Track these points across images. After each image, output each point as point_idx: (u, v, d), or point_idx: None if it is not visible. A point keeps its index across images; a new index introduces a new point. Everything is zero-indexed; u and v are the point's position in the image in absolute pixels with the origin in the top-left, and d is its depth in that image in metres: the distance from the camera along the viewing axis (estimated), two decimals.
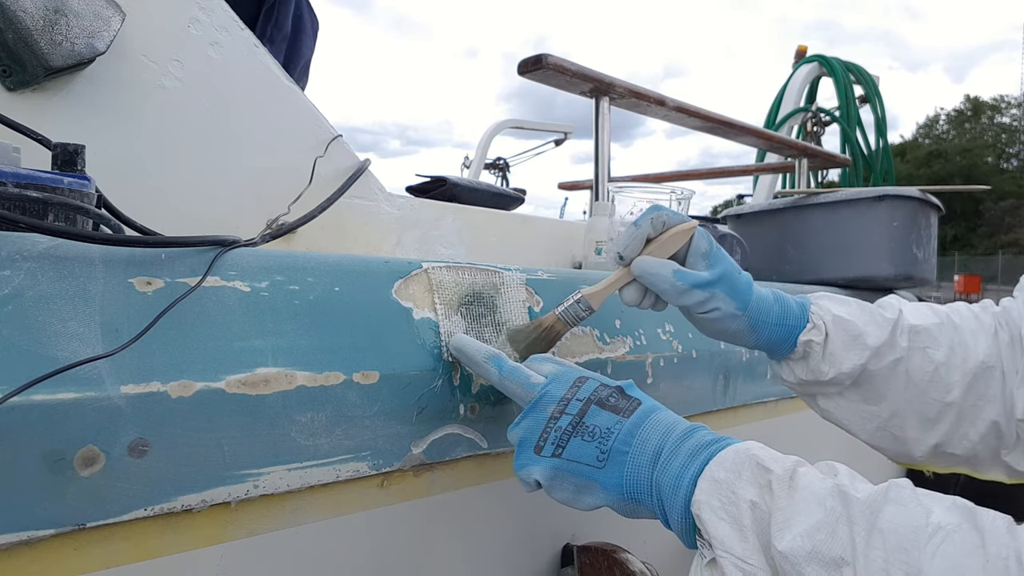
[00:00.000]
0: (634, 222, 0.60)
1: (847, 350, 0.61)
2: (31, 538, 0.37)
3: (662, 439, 0.47)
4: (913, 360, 0.61)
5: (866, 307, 0.63)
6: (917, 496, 0.38)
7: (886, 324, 0.61)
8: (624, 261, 0.60)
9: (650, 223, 0.59)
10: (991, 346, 0.61)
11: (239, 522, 0.47)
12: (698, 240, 0.60)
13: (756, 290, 0.62)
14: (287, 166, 0.81)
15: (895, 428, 0.63)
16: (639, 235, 0.59)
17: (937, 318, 0.63)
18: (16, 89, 0.61)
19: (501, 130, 3.62)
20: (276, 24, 1.22)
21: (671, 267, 0.58)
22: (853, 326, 0.61)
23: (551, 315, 0.62)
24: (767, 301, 0.61)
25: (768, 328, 0.61)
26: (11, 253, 0.39)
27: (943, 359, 0.61)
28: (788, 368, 0.65)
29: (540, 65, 1.21)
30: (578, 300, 0.61)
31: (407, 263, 0.59)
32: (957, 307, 0.65)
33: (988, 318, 0.63)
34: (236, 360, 0.45)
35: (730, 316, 0.60)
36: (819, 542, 0.38)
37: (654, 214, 0.59)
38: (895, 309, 0.63)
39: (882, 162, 3.03)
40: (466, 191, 1.20)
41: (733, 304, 0.60)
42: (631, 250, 0.60)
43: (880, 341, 0.61)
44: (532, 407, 0.51)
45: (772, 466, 0.42)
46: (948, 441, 0.62)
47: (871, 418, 0.64)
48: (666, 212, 0.60)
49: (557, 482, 0.49)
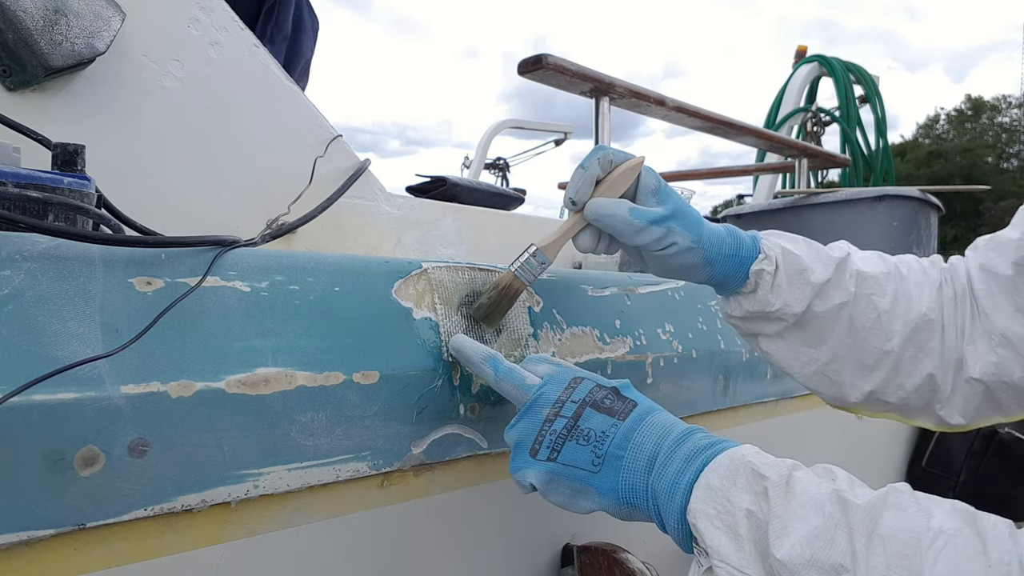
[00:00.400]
0: (581, 164, 0.58)
1: (792, 284, 0.61)
2: (31, 538, 0.37)
3: (657, 443, 0.47)
4: (858, 306, 0.61)
5: (814, 245, 0.63)
6: (917, 501, 0.38)
7: (831, 262, 0.61)
8: (576, 206, 0.59)
9: (597, 163, 0.58)
10: (934, 300, 0.61)
11: (239, 522, 0.47)
12: (646, 178, 0.59)
13: (707, 223, 0.61)
14: (287, 166, 0.81)
15: (833, 373, 0.63)
16: (588, 177, 0.58)
17: (886, 267, 0.63)
18: (16, 89, 0.61)
19: (501, 130, 3.62)
20: (276, 24, 1.22)
21: (626, 206, 0.57)
22: (800, 261, 0.61)
23: (507, 273, 0.60)
24: (720, 233, 0.61)
25: (722, 260, 0.61)
26: (11, 253, 0.39)
27: (887, 307, 0.61)
28: (736, 302, 0.64)
29: (540, 65, 1.21)
30: (533, 253, 0.59)
31: (407, 263, 0.59)
32: (907, 259, 0.65)
33: (935, 273, 0.63)
34: (236, 360, 0.45)
35: (686, 250, 0.59)
36: (818, 549, 0.37)
37: (600, 154, 0.58)
38: (843, 251, 0.63)
39: (882, 162, 3.03)
40: (466, 191, 1.21)
41: (689, 237, 0.59)
42: (582, 193, 0.58)
43: (824, 279, 0.60)
44: (527, 409, 0.51)
45: (767, 472, 0.42)
46: (883, 389, 0.62)
47: (810, 362, 0.63)
48: (611, 151, 0.59)
49: (552, 486, 0.49)
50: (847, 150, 3.03)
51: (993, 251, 0.60)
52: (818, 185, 3.06)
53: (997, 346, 0.58)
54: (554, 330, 0.67)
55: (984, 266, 0.60)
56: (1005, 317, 0.58)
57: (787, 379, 1.00)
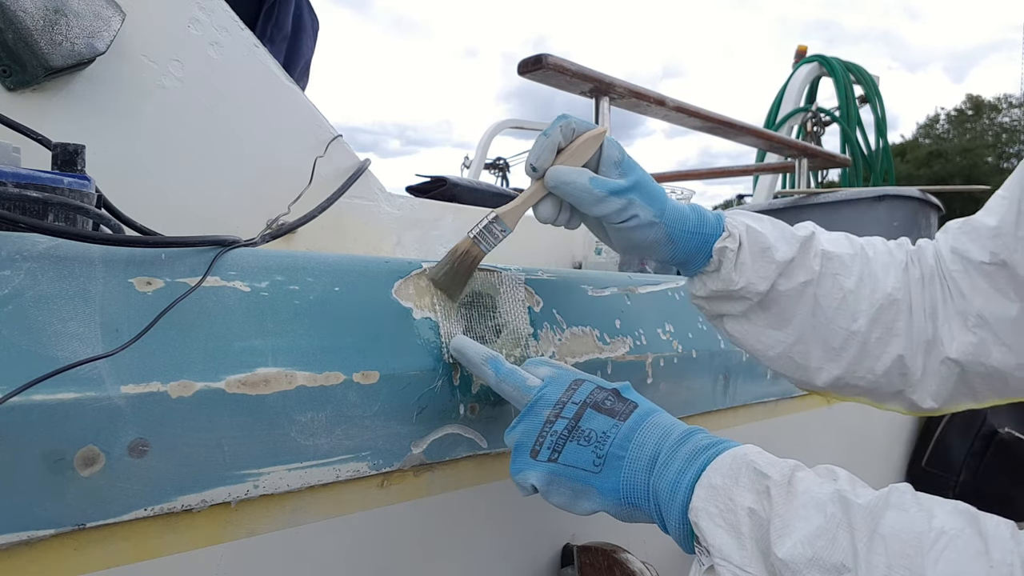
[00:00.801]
0: (543, 132, 0.58)
1: (756, 262, 0.60)
2: (31, 538, 0.37)
3: (659, 443, 0.47)
4: (823, 285, 0.61)
5: (779, 224, 0.63)
6: (919, 501, 0.38)
7: (795, 241, 0.61)
8: (537, 173, 0.58)
9: (559, 131, 0.57)
10: (900, 280, 0.61)
11: (239, 522, 0.47)
12: (608, 148, 0.58)
13: (671, 200, 0.61)
14: (287, 166, 0.81)
15: (798, 355, 0.63)
16: (549, 144, 0.57)
17: (852, 248, 0.62)
18: (16, 89, 0.61)
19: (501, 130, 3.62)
20: (276, 24, 1.22)
21: (586, 175, 0.57)
22: (764, 239, 0.60)
23: (465, 240, 0.59)
24: (683, 210, 0.60)
25: (685, 236, 0.60)
26: (11, 253, 0.39)
27: (852, 287, 0.60)
28: (700, 281, 0.63)
29: (540, 65, 1.21)
30: (492, 220, 0.59)
31: (407, 263, 0.59)
32: (873, 240, 0.65)
33: (901, 254, 0.63)
34: (236, 360, 0.45)
35: (648, 224, 0.58)
36: (820, 548, 0.37)
37: (563, 122, 0.57)
38: (808, 230, 0.62)
39: (882, 162, 3.03)
40: (466, 191, 1.20)
41: (651, 211, 0.58)
42: (543, 160, 0.57)
43: (788, 257, 0.60)
44: (528, 411, 0.51)
45: (769, 471, 0.42)
46: (852, 373, 0.62)
47: (776, 344, 0.63)
48: (574, 120, 0.58)
49: (554, 487, 0.49)
50: (847, 150, 3.03)
51: (966, 236, 0.59)
52: (818, 185, 3.06)
53: (975, 327, 0.58)
54: (554, 330, 0.67)
55: (956, 249, 0.60)
56: (982, 298, 0.57)
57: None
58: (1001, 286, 0.56)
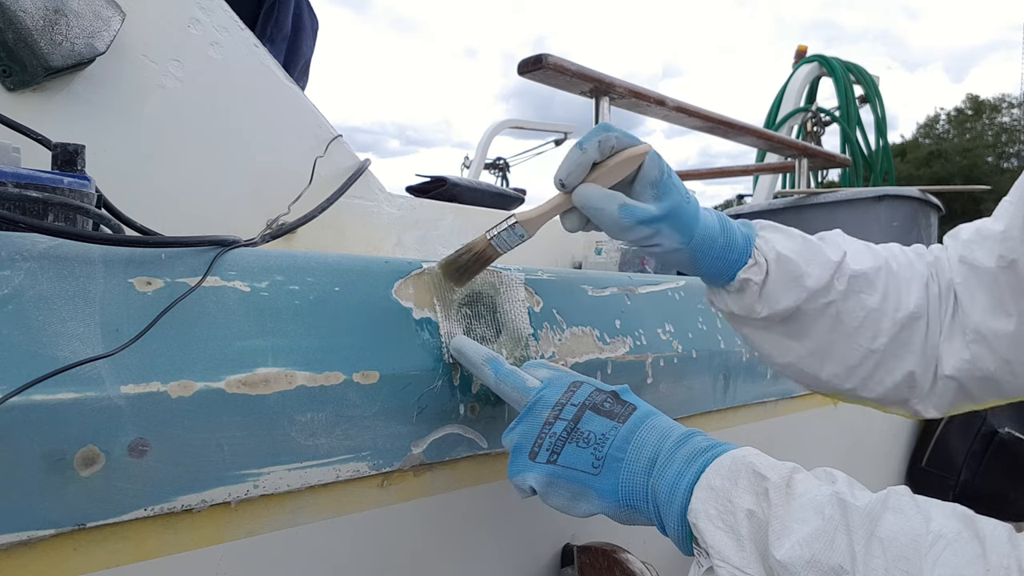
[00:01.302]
0: (579, 143, 0.53)
1: (786, 290, 0.59)
2: (31, 538, 0.37)
3: (658, 445, 0.47)
4: (846, 303, 0.59)
5: (811, 244, 0.60)
6: (916, 504, 0.38)
7: (829, 266, 0.59)
8: (566, 189, 0.55)
9: (596, 146, 0.53)
10: (922, 296, 0.60)
11: (239, 522, 0.47)
12: (649, 168, 0.54)
13: (703, 218, 0.58)
14: (287, 166, 0.81)
15: (808, 367, 0.62)
16: (583, 161, 0.53)
17: (875, 262, 0.61)
18: (16, 89, 0.61)
19: (501, 130, 3.62)
20: (276, 23, 1.22)
21: (617, 202, 0.53)
22: (796, 266, 0.58)
23: (482, 239, 0.57)
24: (712, 232, 0.58)
25: (709, 261, 0.58)
26: (11, 253, 0.39)
27: (876, 305, 0.59)
28: (721, 297, 0.62)
29: (540, 65, 1.21)
30: (512, 226, 0.56)
31: (407, 263, 0.59)
32: (893, 250, 0.63)
33: (922, 267, 0.62)
34: (236, 360, 0.45)
35: (672, 251, 0.57)
36: (817, 551, 0.37)
37: (602, 135, 0.53)
38: (840, 250, 0.60)
39: (882, 162, 3.03)
40: (466, 191, 1.21)
41: (677, 239, 0.56)
42: (574, 177, 0.54)
43: (821, 284, 0.58)
44: (527, 412, 0.51)
45: (768, 473, 0.42)
46: (862, 387, 0.61)
47: (788, 353, 0.62)
48: (616, 134, 0.53)
49: (552, 489, 0.49)
50: (847, 150, 3.03)
51: (975, 243, 0.58)
52: (818, 185, 3.06)
53: (971, 342, 0.57)
54: (554, 330, 0.67)
55: (965, 258, 0.59)
56: (980, 312, 0.57)
57: (787, 379, 1.00)
58: (1003, 298, 0.56)
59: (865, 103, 3.09)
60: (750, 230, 0.61)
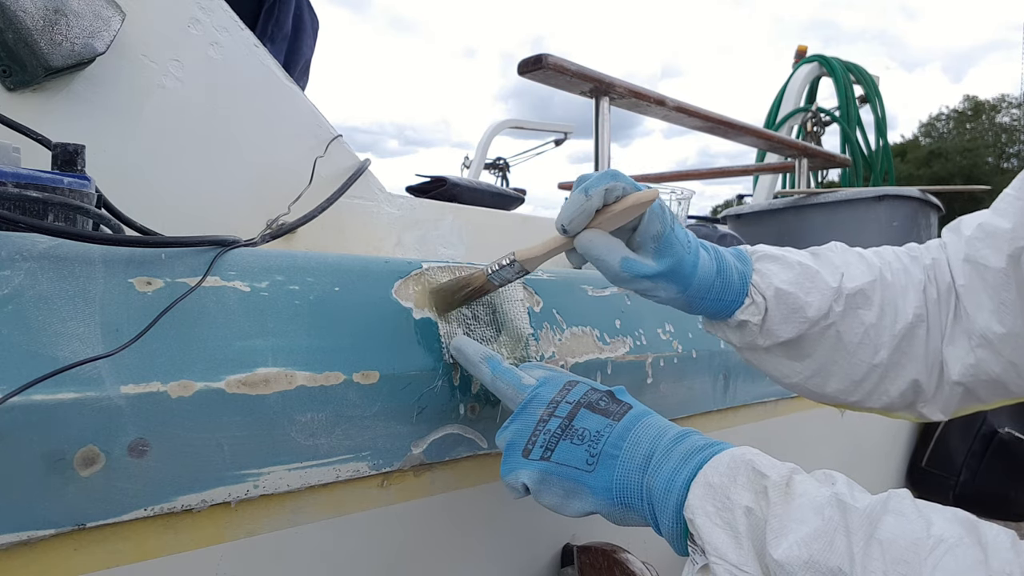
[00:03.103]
0: (583, 189, 0.52)
1: (786, 322, 0.59)
2: (31, 538, 0.37)
3: (653, 443, 0.47)
4: (845, 321, 0.59)
5: (809, 271, 0.59)
6: (917, 507, 0.38)
7: (828, 293, 0.59)
8: (568, 235, 0.53)
9: (602, 195, 0.51)
10: (920, 303, 0.60)
11: (239, 522, 0.47)
12: (650, 221, 0.53)
13: (700, 264, 0.57)
14: (287, 166, 0.80)
15: (815, 386, 0.62)
16: (587, 209, 0.52)
17: (871, 275, 0.60)
18: (16, 89, 0.61)
19: (501, 130, 3.62)
20: (277, 22, 1.22)
21: (618, 255, 0.53)
22: (795, 299, 0.58)
23: (480, 274, 0.57)
24: (707, 278, 0.57)
25: (705, 304, 0.58)
26: (11, 253, 0.39)
27: (873, 320, 0.59)
28: (721, 330, 0.62)
29: (540, 65, 1.21)
30: (511, 263, 0.55)
31: (407, 263, 0.59)
32: (887, 257, 0.62)
33: (918, 272, 0.61)
34: (236, 360, 0.45)
35: (669, 299, 0.57)
36: (816, 551, 0.37)
37: (610, 184, 0.51)
38: (837, 273, 0.60)
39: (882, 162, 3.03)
40: (466, 191, 1.21)
41: (675, 289, 0.56)
42: (576, 224, 0.52)
43: (821, 312, 0.58)
44: (521, 409, 0.51)
45: (768, 472, 0.42)
46: (868, 398, 0.62)
47: (793, 374, 0.62)
48: (623, 182, 0.52)
49: (545, 486, 0.48)
50: (847, 150, 3.03)
51: (982, 242, 0.57)
52: (818, 185, 3.06)
53: (976, 347, 0.57)
54: (554, 330, 0.67)
55: (970, 258, 0.58)
56: (986, 316, 0.56)
57: None
58: (1010, 298, 0.55)
59: (865, 103, 3.09)
60: (746, 267, 0.60)
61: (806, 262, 0.60)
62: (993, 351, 0.57)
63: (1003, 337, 0.56)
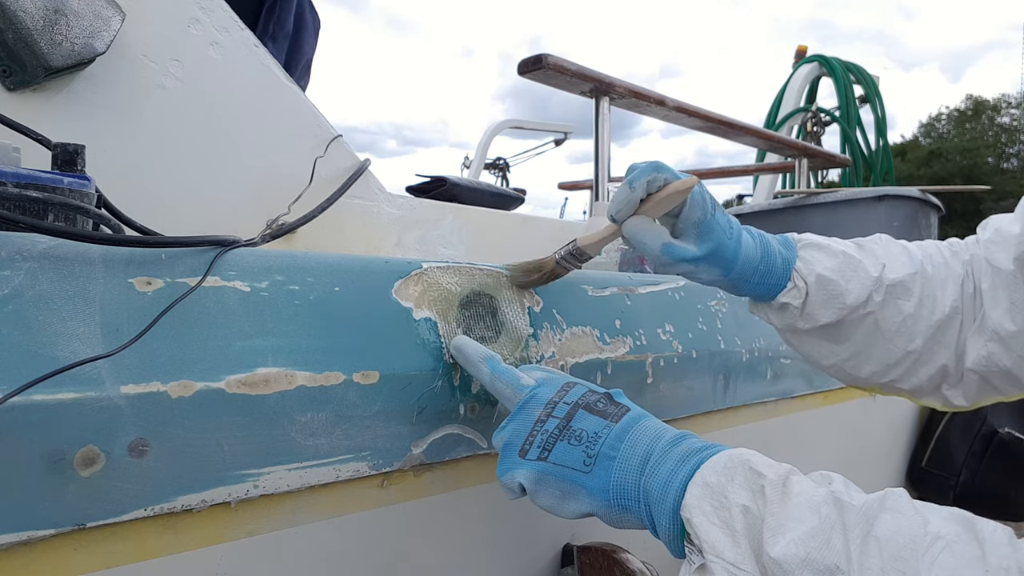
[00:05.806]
0: (629, 181, 0.57)
1: (825, 307, 0.62)
2: (31, 538, 0.37)
3: (650, 445, 0.47)
4: (884, 310, 0.62)
5: (852, 260, 0.63)
6: (914, 505, 0.38)
7: (869, 282, 0.62)
8: (616, 223, 0.59)
9: (644, 186, 0.56)
10: (957, 295, 0.62)
11: (239, 522, 0.47)
12: (692, 208, 0.58)
13: (744, 248, 0.61)
14: (287, 166, 0.81)
15: (851, 368, 0.65)
16: (632, 199, 0.57)
17: (912, 267, 0.63)
18: (16, 89, 0.61)
19: (501, 130, 3.62)
20: (278, 21, 1.22)
21: (660, 240, 0.58)
22: (836, 285, 0.61)
23: (550, 259, 0.64)
24: (751, 262, 0.61)
25: (749, 286, 0.62)
26: (11, 253, 0.39)
27: (912, 311, 0.62)
28: (764, 312, 0.66)
29: (540, 65, 1.21)
30: (575, 249, 0.62)
31: (407, 263, 0.59)
32: (929, 250, 0.66)
33: (958, 266, 0.64)
34: (236, 360, 0.45)
35: (712, 281, 0.61)
36: (813, 549, 0.37)
37: (652, 175, 0.56)
38: (879, 264, 0.63)
39: (882, 162, 3.03)
40: (466, 191, 1.21)
41: (718, 271, 0.60)
42: (623, 213, 0.58)
43: (861, 300, 0.61)
44: (519, 410, 0.51)
45: (765, 471, 0.42)
46: (900, 380, 0.65)
47: (831, 355, 0.65)
48: (664, 172, 0.56)
49: (542, 487, 0.48)
50: (847, 150, 3.03)
51: (996, 245, 0.61)
52: (818, 185, 3.07)
53: (988, 340, 0.60)
54: (554, 330, 0.67)
55: (989, 260, 0.61)
56: (999, 313, 0.59)
57: (787, 379, 1.00)
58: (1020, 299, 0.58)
59: (865, 103, 3.09)
60: (791, 253, 0.63)
61: (850, 252, 0.64)
62: (1003, 345, 0.59)
63: (1014, 335, 0.58)
